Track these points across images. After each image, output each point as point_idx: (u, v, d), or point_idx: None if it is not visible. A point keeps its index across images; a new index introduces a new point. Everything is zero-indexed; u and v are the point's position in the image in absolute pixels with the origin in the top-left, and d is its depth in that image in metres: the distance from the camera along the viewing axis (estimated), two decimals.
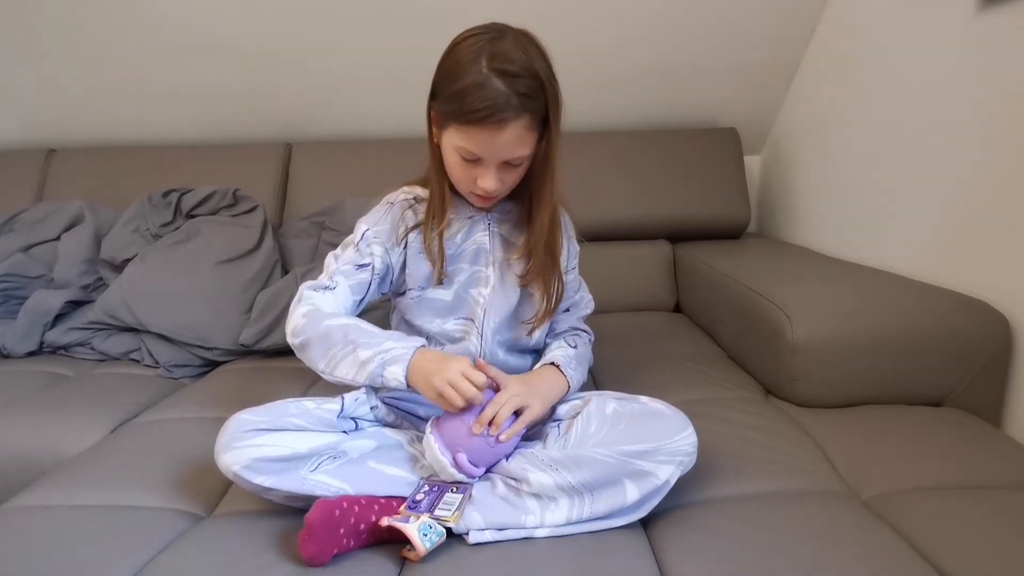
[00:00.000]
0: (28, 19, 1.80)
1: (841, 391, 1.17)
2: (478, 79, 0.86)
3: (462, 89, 0.87)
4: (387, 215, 1.05)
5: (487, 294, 1.04)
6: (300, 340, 0.96)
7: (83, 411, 1.25)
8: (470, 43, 0.89)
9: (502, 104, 0.86)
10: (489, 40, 0.88)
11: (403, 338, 0.96)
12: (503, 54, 0.87)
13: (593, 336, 1.20)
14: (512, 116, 0.87)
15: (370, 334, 0.94)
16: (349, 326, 0.95)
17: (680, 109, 2.03)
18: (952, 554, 0.78)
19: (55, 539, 0.86)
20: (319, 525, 0.79)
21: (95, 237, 1.78)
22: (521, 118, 0.88)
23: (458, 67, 0.89)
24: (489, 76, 0.86)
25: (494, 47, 0.88)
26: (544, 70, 0.89)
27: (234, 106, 2.02)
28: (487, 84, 0.86)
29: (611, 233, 1.89)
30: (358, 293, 1.02)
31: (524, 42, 0.90)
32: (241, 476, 0.84)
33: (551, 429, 0.97)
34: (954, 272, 1.29)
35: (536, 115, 0.90)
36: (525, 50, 0.89)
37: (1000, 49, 1.20)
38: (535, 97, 0.88)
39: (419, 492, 0.88)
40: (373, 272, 1.02)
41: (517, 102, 0.87)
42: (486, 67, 0.86)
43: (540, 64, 0.89)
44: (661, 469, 0.86)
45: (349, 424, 0.94)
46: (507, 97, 0.86)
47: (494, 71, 0.86)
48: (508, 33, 0.90)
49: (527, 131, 0.90)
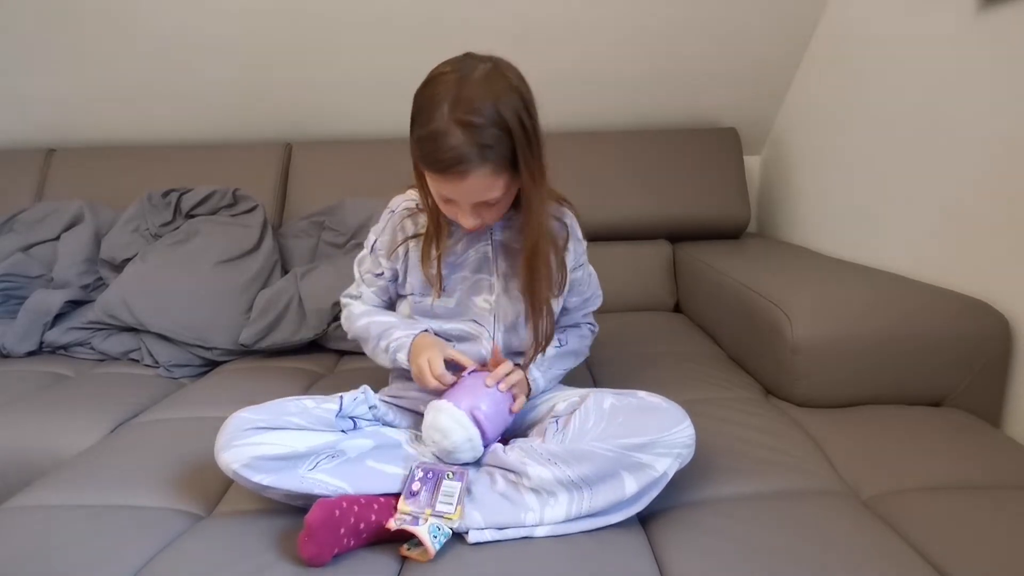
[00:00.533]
0: (28, 19, 1.80)
1: (841, 391, 1.17)
2: (440, 127, 0.84)
3: (426, 136, 0.86)
4: (389, 224, 1.07)
5: (493, 300, 1.05)
6: (351, 337, 1.15)
7: (83, 411, 1.25)
8: (436, 84, 0.86)
9: (461, 155, 0.84)
10: (456, 82, 0.85)
11: (409, 326, 1.05)
12: (467, 101, 0.84)
13: (597, 328, 1.21)
14: (473, 167, 0.85)
15: (387, 325, 1.06)
16: (372, 323, 1.08)
17: (680, 109, 2.03)
18: (952, 554, 0.78)
19: (55, 539, 0.86)
20: (319, 526, 0.79)
21: (95, 237, 1.78)
22: (483, 167, 0.86)
23: (424, 110, 0.86)
24: (450, 125, 0.84)
25: (460, 91, 0.84)
26: (511, 112, 0.85)
27: (234, 106, 2.02)
28: (448, 134, 0.84)
29: (611, 233, 1.89)
30: (381, 296, 1.13)
31: (493, 80, 0.86)
32: (240, 474, 0.84)
33: (549, 425, 0.97)
34: (954, 272, 1.29)
35: (501, 161, 0.87)
36: (492, 92, 0.84)
37: (1000, 49, 1.20)
38: (497, 145, 0.85)
39: (414, 480, 0.87)
40: (387, 279, 1.10)
41: (477, 153, 0.84)
42: (447, 115, 0.84)
43: (507, 107, 0.84)
44: (659, 461, 0.86)
45: (348, 423, 0.95)
46: (466, 148, 0.84)
47: (455, 120, 0.83)
48: (477, 70, 0.86)
49: (492, 177, 0.88)
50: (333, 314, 1.56)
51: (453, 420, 0.91)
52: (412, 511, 0.83)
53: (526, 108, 0.87)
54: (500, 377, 0.98)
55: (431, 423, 0.92)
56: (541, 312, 1.01)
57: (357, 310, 1.12)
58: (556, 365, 1.11)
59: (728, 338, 1.49)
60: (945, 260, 1.32)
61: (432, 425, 0.92)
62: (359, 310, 1.12)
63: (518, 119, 0.86)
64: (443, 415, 0.92)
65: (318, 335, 1.56)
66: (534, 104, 0.90)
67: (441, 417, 0.91)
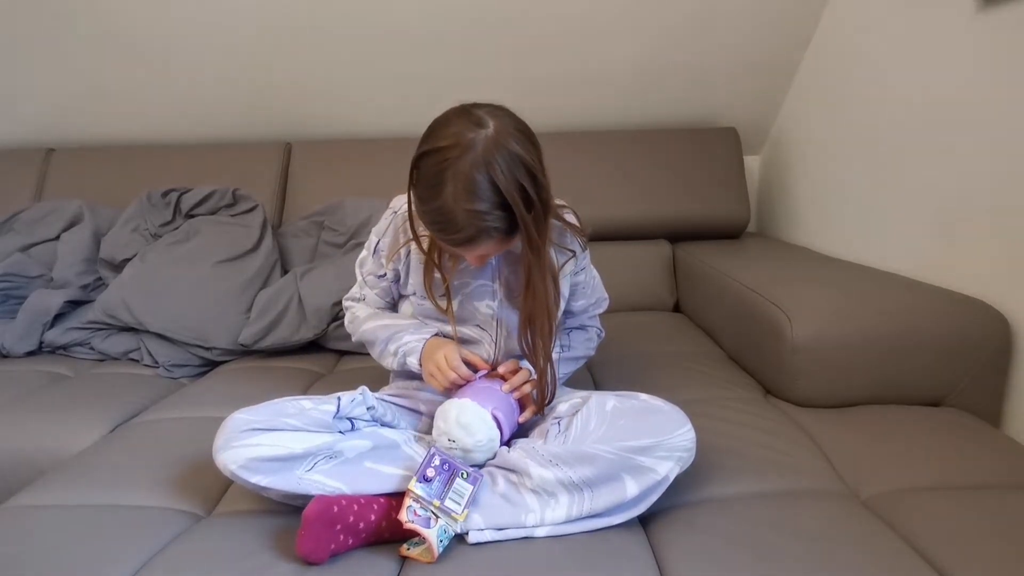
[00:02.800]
0: (27, 19, 1.80)
1: (841, 391, 1.17)
2: (446, 208, 0.83)
3: (433, 211, 0.85)
4: (391, 226, 1.06)
5: (495, 306, 1.04)
6: (355, 340, 1.15)
7: (82, 411, 1.25)
8: (438, 158, 0.83)
9: (469, 237, 0.85)
10: (456, 160, 0.82)
11: (418, 329, 1.06)
12: (468, 183, 0.81)
13: (604, 333, 1.22)
14: (481, 242, 0.86)
15: (396, 328, 1.07)
16: (378, 327, 1.09)
17: (680, 109, 2.03)
18: (951, 554, 0.78)
19: (54, 538, 0.86)
20: (315, 519, 0.79)
21: (94, 237, 1.78)
22: (490, 240, 0.86)
23: (428, 184, 0.84)
24: (456, 208, 0.82)
25: (460, 168, 0.81)
26: (514, 187, 0.82)
27: (234, 106, 2.02)
28: (455, 217, 0.83)
29: (611, 233, 1.89)
30: (384, 297, 1.13)
31: (494, 155, 0.82)
32: (238, 475, 0.85)
33: (551, 426, 0.97)
34: (954, 272, 1.29)
35: (507, 232, 0.86)
36: (492, 169, 0.81)
37: (1000, 49, 1.20)
38: (502, 224, 0.84)
39: (430, 465, 0.86)
40: (389, 280, 1.09)
41: (484, 233, 0.85)
42: (452, 196, 0.82)
43: (509, 183, 0.82)
44: (660, 465, 0.86)
45: (345, 424, 0.95)
46: (473, 231, 0.84)
47: (460, 206, 0.82)
48: (478, 144, 0.82)
49: (500, 244, 0.89)
50: (333, 314, 1.56)
51: (479, 418, 0.92)
52: (423, 496, 0.83)
53: (530, 176, 0.84)
54: (517, 386, 1.00)
55: (455, 419, 0.91)
56: (540, 369, 0.99)
57: (362, 313, 1.13)
58: (560, 368, 1.10)
59: (728, 338, 1.49)
60: (945, 260, 1.32)
61: (456, 421, 0.91)
62: (364, 313, 1.12)
63: (521, 193, 0.83)
64: (469, 412, 0.92)
65: (318, 335, 1.56)
66: (541, 163, 0.86)
67: (467, 414, 0.92)
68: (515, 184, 0.83)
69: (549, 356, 0.98)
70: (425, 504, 0.82)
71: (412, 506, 0.82)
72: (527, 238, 0.87)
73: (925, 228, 1.38)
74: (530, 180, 0.84)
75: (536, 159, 0.86)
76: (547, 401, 1.01)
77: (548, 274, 0.95)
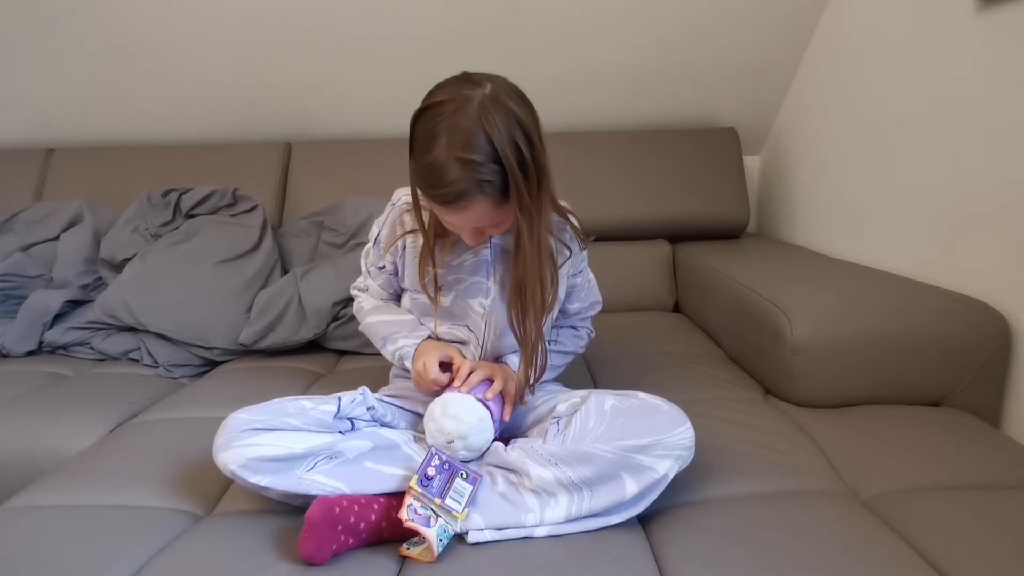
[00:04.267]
0: (27, 19, 1.80)
1: (840, 391, 1.17)
2: (439, 160, 0.83)
3: (425, 167, 0.84)
4: (389, 218, 1.07)
5: (488, 305, 1.04)
6: (360, 329, 1.17)
7: (82, 411, 1.25)
8: (434, 114, 0.84)
9: (461, 191, 0.83)
10: (452, 113, 0.82)
11: (412, 331, 1.07)
12: (463, 135, 0.82)
13: (594, 333, 1.22)
14: (474, 201, 0.85)
15: (394, 328, 1.08)
16: (378, 323, 1.11)
17: (679, 109, 2.03)
18: (951, 554, 0.78)
19: (54, 539, 0.86)
20: (318, 522, 0.79)
21: (94, 237, 1.78)
22: (483, 200, 0.85)
23: (422, 141, 0.85)
24: (449, 160, 0.82)
25: (456, 123, 0.82)
26: (509, 145, 0.82)
27: (234, 106, 2.02)
28: (446, 168, 0.82)
29: (611, 233, 1.89)
30: (387, 288, 1.14)
31: (490, 111, 0.82)
32: (238, 475, 0.85)
33: (550, 425, 0.97)
34: (953, 272, 1.29)
35: (500, 194, 0.85)
36: (489, 124, 0.81)
37: (999, 49, 1.20)
38: (495, 179, 0.83)
39: (430, 465, 0.86)
40: (389, 272, 1.10)
41: (476, 188, 0.83)
42: (446, 148, 0.82)
43: (504, 140, 0.82)
44: (660, 463, 0.86)
45: (346, 424, 0.95)
46: (466, 184, 0.83)
47: (453, 156, 0.82)
48: (474, 99, 0.83)
49: (493, 208, 0.87)
50: (333, 314, 1.56)
51: (462, 404, 0.93)
52: (423, 495, 0.83)
53: (526, 136, 0.84)
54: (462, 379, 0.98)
55: (441, 413, 0.92)
56: (530, 344, 0.98)
57: (367, 304, 1.15)
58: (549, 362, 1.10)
59: (728, 338, 1.50)
60: (945, 260, 1.32)
61: (444, 414, 0.92)
62: (368, 304, 1.14)
63: (515, 150, 0.83)
64: (453, 403, 0.93)
65: (317, 335, 1.56)
66: (537, 128, 0.87)
67: (452, 405, 0.93)
68: (510, 141, 0.82)
69: (540, 330, 0.99)
70: (426, 503, 0.83)
71: (412, 504, 0.82)
72: (518, 199, 0.86)
73: (925, 228, 1.38)
74: (525, 140, 0.84)
75: (532, 123, 0.86)
76: (537, 378, 1.01)
77: (543, 250, 0.94)
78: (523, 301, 0.96)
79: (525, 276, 0.94)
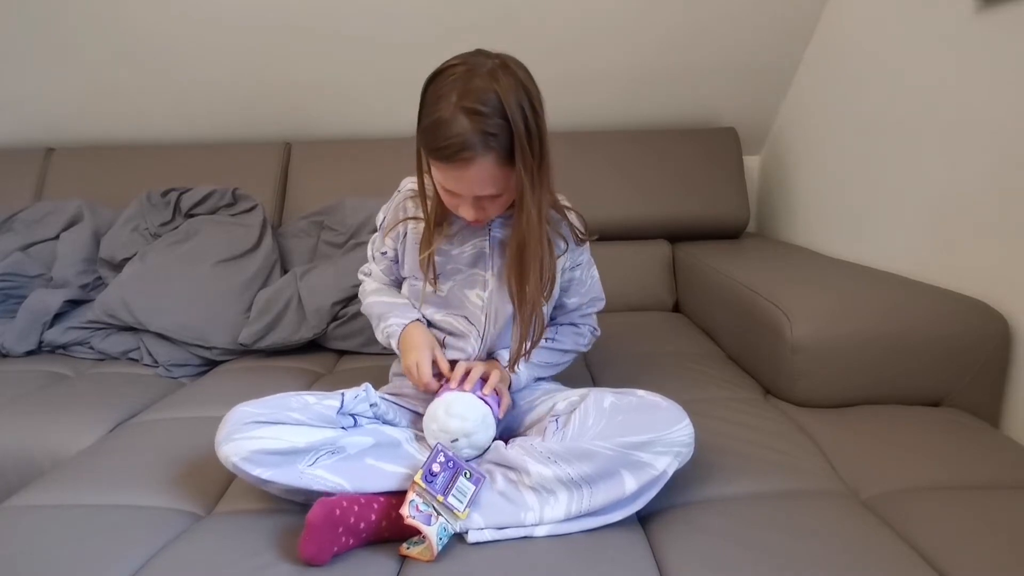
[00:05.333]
0: (27, 19, 1.80)
1: (840, 391, 1.17)
2: (445, 115, 0.85)
3: (431, 124, 0.86)
4: (393, 204, 1.09)
5: (486, 297, 1.04)
6: (363, 311, 1.20)
7: (82, 411, 1.25)
8: (445, 76, 0.87)
9: (466, 142, 0.85)
10: (463, 74, 0.86)
11: (403, 312, 1.08)
12: (473, 91, 0.85)
13: (599, 332, 1.22)
14: (477, 154, 0.86)
15: (387, 307, 1.10)
16: (376, 303, 1.13)
17: (679, 109, 2.03)
18: (951, 554, 0.78)
19: (54, 538, 0.86)
20: (319, 524, 0.79)
21: (94, 236, 1.78)
22: (487, 156, 0.86)
23: (432, 100, 0.87)
24: (456, 113, 0.84)
25: (467, 83, 0.85)
26: (515, 105, 0.85)
27: (234, 106, 2.02)
28: (453, 121, 0.85)
29: (611, 233, 1.88)
30: (389, 274, 1.16)
31: (500, 75, 0.86)
32: (240, 467, 0.85)
33: (549, 423, 0.97)
34: (953, 272, 1.29)
35: (504, 152, 0.87)
36: (499, 85, 0.85)
37: (999, 49, 1.20)
38: (500, 134, 0.85)
39: (435, 461, 0.87)
40: (390, 259, 1.13)
41: (481, 140, 0.85)
42: (454, 103, 0.85)
43: (512, 100, 0.85)
44: (659, 460, 0.86)
45: (348, 420, 0.95)
46: (471, 135, 0.84)
47: (461, 109, 0.84)
48: (486, 65, 0.87)
49: (495, 168, 0.88)
50: (332, 314, 1.56)
51: (465, 403, 0.94)
52: (426, 490, 0.83)
53: (531, 104, 0.87)
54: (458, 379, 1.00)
55: (445, 413, 0.93)
56: (528, 313, 1.00)
57: (369, 287, 1.17)
58: (543, 358, 1.11)
59: (728, 338, 1.50)
60: (945, 260, 1.32)
61: (447, 414, 0.93)
62: (371, 287, 1.17)
63: (521, 113, 0.86)
64: (456, 402, 0.94)
65: (317, 335, 1.56)
66: (541, 103, 0.90)
67: (455, 404, 0.94)
68: (517, 105, 0.86)
69: (539, 298, 1.00)
70: (428, 499, 0.83)
71: (415, 500, 0.82)
72: (522, 159, 0.87)
73: (925, 228, 1.38)
74: (531, 108, 0.87)
75: (539, 100, 0.89)
76: (526, 351, 1.03)
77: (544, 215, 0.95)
78: (523, 264, 0.97)
79: (527, 238, 0.95)
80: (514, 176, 0.89)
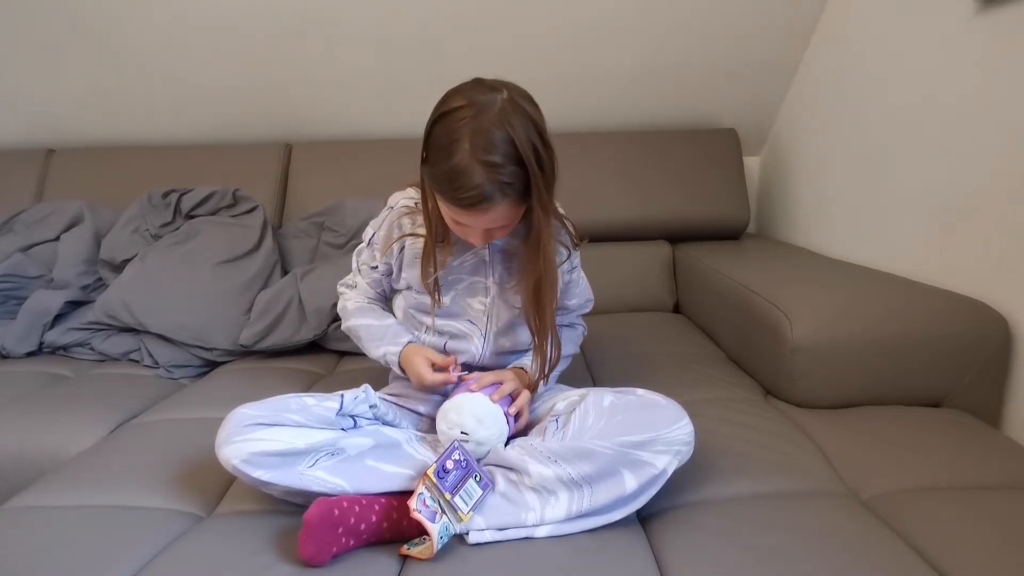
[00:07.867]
0: (28, 19, 1.80)
1: (840, 392, 1.17)
2: (462, 165, 0.84)
3: (447, 172, 0.86)
4: (386, 221, 1.08)
5: (488, 303, 1.06)
6: (343, 327, 1.18)
7: (83, 411, 1.25)
8: (453, 120, 0.86)
9: (483, 194, 0.85)
10: (474, 118, 0.85)
11: (394, 338, 1.09)
12: (486, 138, 0.84)
13: (587, 330, 1.23)
14: (495, 203, 0.87)
15: (380, 331, 1.10)
16: (360, 326, 1.13)
17: (680, 110, 2.03)
18: (951, 554, 0.78)
19: (54, 539, 0.86)
20: (317, 523, 0.79)
21: (94, 237, 1.78)
22: (504, 202, 0.88)
23: (443, 146, 0.86)
24: (472, 164, 0.84)
25: (478, 125, 0.84)
26: (528, 147, 0.85)
27: (234, 106, 2.02)
28: (471, 173, 0.84)
29: (611, 234, 1.89)
30: (375, 288, 1.16)
31: (510, 114, 0.86)
32: (240, 469, 0.85)
33: (549, 423, 0.97)
34: (953, 273, 1.29)
35: (520, 195, 0.89)
36: (511, 127, 0.85)
37: (999, 49, 1.20)
38: (516, 181, 0.87)
39: (449, 458, 0.87)
40: (381, 273, 1.12)
41: (498, 190, 0.86)
42: (469, 152, 0.84)
43: (524, 142, 0.85)
44: (659, 459, 0.86)
45: (348, 422, 0.95)
46: (488, 186, 0.85)
47: (477, 160, 0.84)
48: (494, 104, 0.86)
49: (511, 208, 0.90)
50: (333, 315, 1.56)
51: (492, 414, 0.95)
52: (436, 485, 0.83)
53: (541, 138, 0.88)
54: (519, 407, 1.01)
55: (469, 411, 0.94)
56: (546, 338, 1.01)
57: (351, 304, 1.16)
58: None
59: (728, 338, 1.50)
60: (945, 260, 1.32)
61: (471, 413, 0.94)
62: (353, 304, 1.16)
63: (534, 152, 0.86)
64: (483, 407, 0.95)
65: (318, 336, 1.56)
66: (547, 132, 0.90)
67: (481, 408, 0.95)
68: (529, 144, 0.86)
69: (555, 324, 1.02)
70: (436, 495, 0.83)
71: (423, 495, 0.82)
72: (539, 198, 0.89)
73: (925, 228, 1.38)
74: (541, 143, 0.88)
75: (544, 127, 0.90)
76: (551, 368, 1.04)
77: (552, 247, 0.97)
78: (541, 297, 0.99)
79: (544, 274, 0.97)
80: (526, 206, 0.92)
